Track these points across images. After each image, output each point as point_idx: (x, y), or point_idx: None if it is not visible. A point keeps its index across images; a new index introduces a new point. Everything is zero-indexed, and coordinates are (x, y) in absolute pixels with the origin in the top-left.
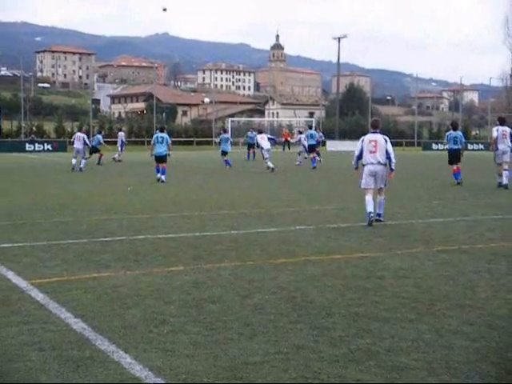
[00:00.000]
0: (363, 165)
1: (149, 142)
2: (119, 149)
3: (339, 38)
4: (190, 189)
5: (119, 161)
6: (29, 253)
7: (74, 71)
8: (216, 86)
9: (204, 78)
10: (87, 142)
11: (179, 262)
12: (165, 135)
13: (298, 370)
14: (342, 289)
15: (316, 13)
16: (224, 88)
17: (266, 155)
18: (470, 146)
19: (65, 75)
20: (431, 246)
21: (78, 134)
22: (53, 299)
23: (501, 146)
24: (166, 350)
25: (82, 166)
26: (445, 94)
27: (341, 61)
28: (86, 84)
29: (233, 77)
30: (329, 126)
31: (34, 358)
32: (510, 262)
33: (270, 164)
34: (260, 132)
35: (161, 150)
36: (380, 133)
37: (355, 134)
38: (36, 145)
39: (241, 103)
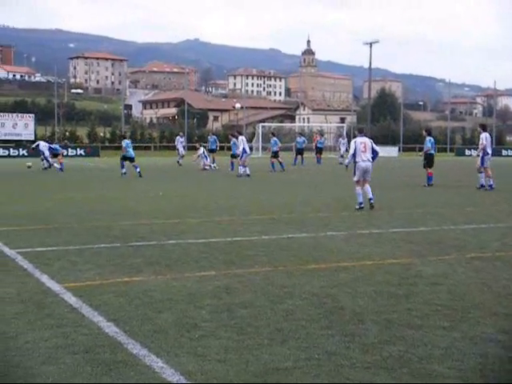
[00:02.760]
0: (355, 162)
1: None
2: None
3: (371, 43)
4: (220, 194)
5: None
6: (62, 257)
7: (106, 77)
8: (247, 91)
9: (235, 84)
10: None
11: (210, 267)
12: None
13: (330, 376)
14: (374, 295)
15: (347, 18)
16: (255, 93)
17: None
18: (503, 152)
19: (97, 81)
20: (464, 252)
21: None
22: (85, 303)
23: (490, 151)
24: (198, 355)
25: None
26: (478, 100)
27: (372, 66)
28: (118, 90)
29: (264, 82)
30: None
31: (67, 361)
32: None
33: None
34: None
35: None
36: (365, 135)
37: (387, 139)
38: (69, 150)
39: (271, 108)
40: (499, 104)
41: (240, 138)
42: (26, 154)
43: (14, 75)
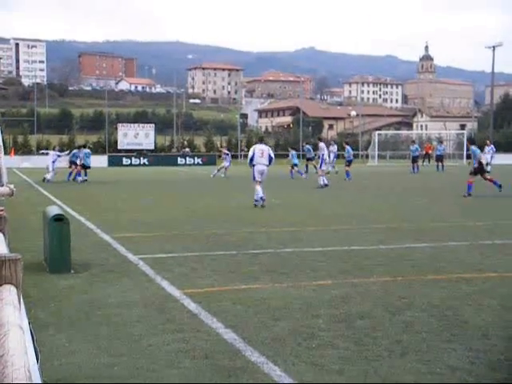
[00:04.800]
0: (253, 165)
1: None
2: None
3: (493, 47)
4: (336, 202)
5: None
6: (182, 263)
7: (223, 87)
8: (362, 98)
9: (350, 92)
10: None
11: (327, 276)
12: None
13: None
14: (499, 309)
15: (467, 21)
16: (371, 101)
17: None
18: None
19: (214, 91)
20: None
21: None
22: (204, 309)
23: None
24: (315, 365)
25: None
26: None
27: (495, 70)
28: (234, 99)
29: (380, 89)
30: (482, 138)
31: (187, 365)
32: None
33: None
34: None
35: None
36: (264, 143)
37: (511, 146)
38: (187, 158)
39: (388, 116)
40: None
41: (320, 144)
42: (146, 163)
43: (136, 87)
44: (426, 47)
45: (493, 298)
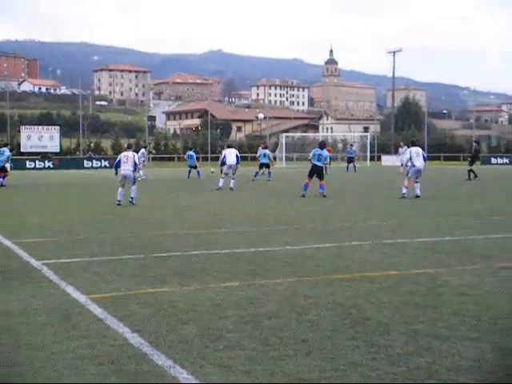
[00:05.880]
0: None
1: (204, 158)
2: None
3: (394, 52)
4: (242, 204)
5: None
6: (87, 268)
7: (130, 89)
8: (270, 101)
9: (258, 94)
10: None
11: (235, 278)
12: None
13: None
14: (400, 305)
15: (369, 27)
16: (278, 103)
17: (226, 171)
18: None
19: (121, 93)
20: (492, 262)
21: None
22: (111, 314)
23: (417, 164)
24: (223, 366)
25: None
26: (504, 107)
27: (395, 75)
28: (142, 101)
29: (287, 92)
30: (384, 140)
31: (92, 372)
32: None
33: (220, 183)
34: (229, 146)
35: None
36: (132, 151)
37: None
38: (93, 161)
39: (295, 118)
40: None
41: (228, 150)
42: (51, 166)
43: (40, 88)
44: (331, 51)
45: (394, 295)
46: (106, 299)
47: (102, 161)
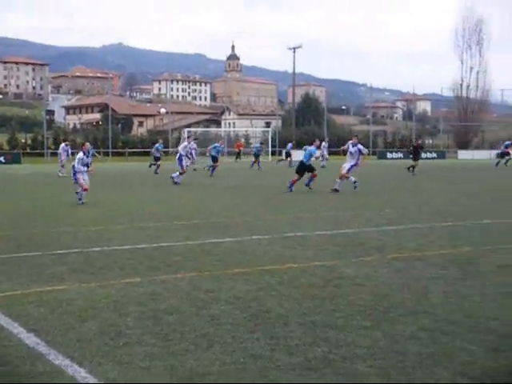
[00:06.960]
0: None
1: (105, 153)
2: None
3: (294, 48)
4: (145, 200)
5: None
6: None
7: (27, 82)
8: (172, 96)
9: (160, 89)
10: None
11: (136, 274)
12: None
13: (255, 379)
14: (299, 298)
15: (271, 23)
16: (180, 98)
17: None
18: (423, 155)
19: (17, 86)
20: (386, 253)
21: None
22: (5, 314)
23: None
24: (122, 363)
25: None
26: (398, 104)
27: (296, 71)
28: (39, 95)
29: (189, 87)
30: (285, 135)
31: None
32: (461, 267)
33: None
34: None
35: None
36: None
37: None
38: None
39: (197, 113)
40: (418, 108)
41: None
42: None
43: None
44: (233, 47)
45: (293, 288)
46: (0, 299)
47: None
